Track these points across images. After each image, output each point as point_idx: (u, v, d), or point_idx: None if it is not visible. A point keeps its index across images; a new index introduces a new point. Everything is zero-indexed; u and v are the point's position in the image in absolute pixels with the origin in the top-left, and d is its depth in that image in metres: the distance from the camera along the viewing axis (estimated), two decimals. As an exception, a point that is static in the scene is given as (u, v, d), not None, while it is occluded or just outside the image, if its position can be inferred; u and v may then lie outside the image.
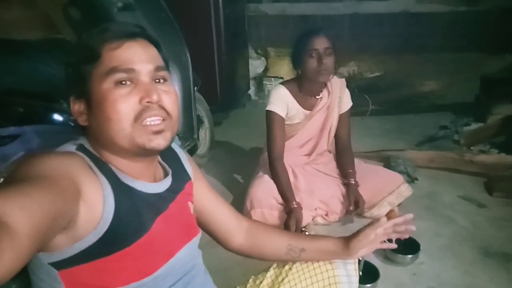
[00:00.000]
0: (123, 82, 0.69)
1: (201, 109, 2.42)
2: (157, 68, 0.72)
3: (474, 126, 2.84)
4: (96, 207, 0.65)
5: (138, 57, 0.70)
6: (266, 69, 3.88)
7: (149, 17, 1.85)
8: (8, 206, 0.49)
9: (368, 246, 0.92)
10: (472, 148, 2.58)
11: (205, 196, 0.96)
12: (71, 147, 0.72)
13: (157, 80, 0.72)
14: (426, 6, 3.19)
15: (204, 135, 2.49)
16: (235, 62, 3.33)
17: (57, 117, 1.13)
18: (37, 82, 1.21)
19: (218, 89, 3.07)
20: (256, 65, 3.79)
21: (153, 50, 0.74)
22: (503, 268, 1.54)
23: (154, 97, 0.69)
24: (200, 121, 2.37)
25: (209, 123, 2.50)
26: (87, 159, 0.70)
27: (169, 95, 0.73)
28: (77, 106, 0.73)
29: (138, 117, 0.69)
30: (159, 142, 0.71)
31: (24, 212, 0.49)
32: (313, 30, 1.75)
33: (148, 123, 0.69)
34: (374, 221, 0.90)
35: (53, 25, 2.07)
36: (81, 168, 0.66)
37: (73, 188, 0.62)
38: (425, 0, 3.18)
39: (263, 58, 3.85)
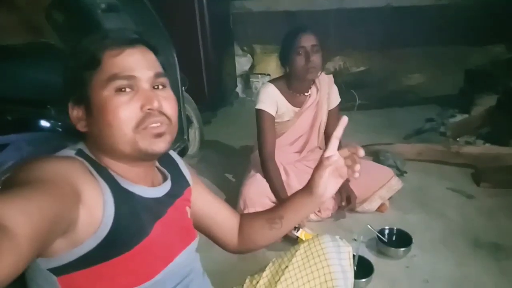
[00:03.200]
0: (124, 89, 0.69)
1: (190, 109, 2.40)
2: (157, 75, 0.73)
3: (459, 117, 2.90)
4: (96, 211, 0.65)
5: (139, 64, 0.71)
6: (252, 66, 3.87)
7: (134, 18, 1.82)
8: (8, 210, 0.49)
9: (331, 183, 0.87)
10: (458, 139, 2.62)
11: (205, 201, 0.96)
12: (70, 152, 0.72)
13: (156, 87, 0.73)
14: (409, 0, 3.22)
15: (194, 135, 2.47)
16: (221, 60, 3.32)
17: (45, 123, 1.11)
18: (25, 88, 1.18)
19: (205, 88, 3.05)
20: (242, 63, 3.77)
21: (152, 57, 0.75)
22: (493, 258, 1.58)
23: (155, 104, 0.70)
24: (189, 121, 2.35)
25: (198, 123, 2.48)
26: (87, 163, 0.70)
27: (169, 101, 0.74)
28: (75, 112, 0.73)
29: (139, 124, 0.70)
30: (160, 145, 0.72)
31: (24, 215, 0.49)
32: (300, 27, 1.75)
33: (149, 128, 0.71)
34: (323, 159, 0.85)
35: (34, 29, 2.02)
36: (81, 172, 0.67)
37: (73, 192, 0.62)
38: (408, -6, 3.22)
39: (249, 55, 3.84)
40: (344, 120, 0.86)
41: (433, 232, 1.75)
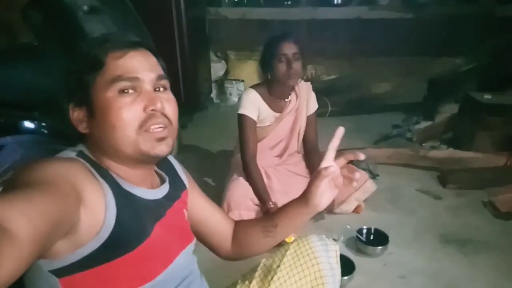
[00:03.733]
0: (127, 91, 0.70)
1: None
2: (159, 77, 0.74)
3: (424, 124, 3.06)
4: (98, 213, 0.66)
5: (142, 66, 0.72)
6: (227, 72, 3.91)
7: (116, 21, 1.80)
8: (9, 212, 0.49)
9: (326, 193, 0.88)
10: (424, 144, 2.79)
11: (200, 206, 0.98)
12: (71, 153, 0.73)
13: (158, 89, 0.74)
14: (377, 13, 3.40)
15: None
16: (197, 65, 3.32)
17: (33, 126, 1.08)
18: (14, 91, 1.15)
19: (181, 92, 3.04)
20: (217, 68, 3.80)
21: (154, 59, 0.76)
22: (461, 252, 1.71)
23: (158, 105, 0.71)
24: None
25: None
26: (88, 165, 0.70)
27: (170, 103, 0.75)
28: (76, 114, 0.73)
29: (142, 125, 0.71)
30: (163, 149, 0.73)
31: (25, 217, 0.49)
32: (282, 35, 1.81)
33: (152, 130, 0.71)
34: (321, 170, 0.86)
35: (8, 28, 1.95)
36: (82, 174, 0.67)
37: (75, 194, 0.62)
38: (376, 7, 3.39)
39: (223, 61, 3.88)
40: (340, 131, 0.87)
41: (406, 231, 1.86)
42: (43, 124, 1.06)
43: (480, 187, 2.19)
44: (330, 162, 0.87)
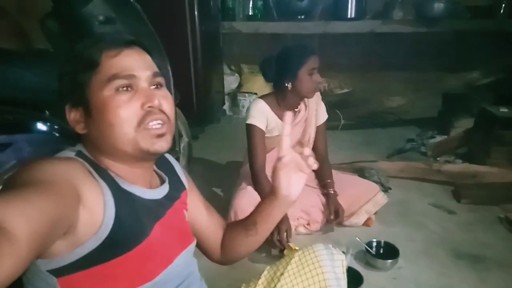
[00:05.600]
0: (124, 89, 0.70)
1: (180, 123, 2.43)
2: (155, 74, 0.75)
3: (439, 138, 3.02)
4: (96, 212, 0.66)
5: (137, 64, 0.73)
6: (240, 85, 3.95)
7: (131, 31, 1.86)
8: (8, 211, 0.49)
9: (293, 181, 0.87)
10: (438, 159, 2.73)
11: (197, 208, 0.98)
12: (69, 153, 0.73)
13: (154, 86, 0.75)
14: (391, 27, 3.39)
15: (183, 149, 2.48)
16: (210, 77, 3.38)
17: (44, 126, 1.12)
18: (25, 91, 1.19)
19: (194, 104, 3.09)
20: (230, 81, 3.85)
21: (148, 57, 0.77)
22: (472, 268, 1.64)
23: (156, 102, 0.72)
24: (179, 135, 2.37)
25: (187, 137, 2.50)
26: (87, 164, 0.71)
27: (167, 100, 0.75)
28: (73, 115, 0.74)
29: (141, 122, 0.71)
30: (162, 145, 0.74)
31: (23, 217, 0.50)
32: (309, 48, 1.81)
33: (150, 127, 0.72)
34: (275, 162, 0.86)
35: (23, 35, 2.03)
36: (81, 173, 0.67)
37: (73, 193, 0.62)
38: (390, 21, 3.39)
39: (237, 74, 3.93)
40: (288, 115, 0.86)
41: (416, 245, 1.81)
42: (52, 124, 1.09)
43: (495, 203, 2.13)
44: (285, 151, 0.85)
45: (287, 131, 0.85)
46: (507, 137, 2.41)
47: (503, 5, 3.20)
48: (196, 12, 3.01)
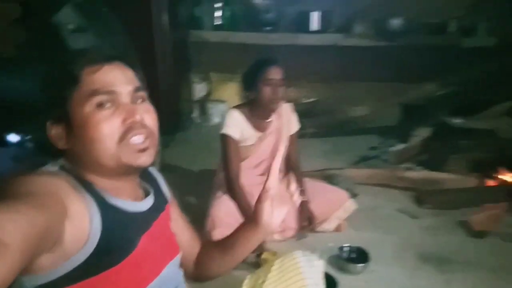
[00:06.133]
0: (105, 104, 0.71)
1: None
2: (136, 89, 0.75)
3: (399, 146, 3.18)
4: (82, 226, 0.66)
5: (118, 79, 0.73)
6: (208, 93, 3.96)
7: (104, 40, 1.83)
8: None
9: (275, 213, 0.90)
10: (400, 166, 2.88)
11: (176, 222, 0.97)
12: (52, 168, 0.73)
13: (136, 101, 0.75)
14: (352, 40, 3.55)
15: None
16: (179, 85, 3.36)
17: (24, 140, 1.07)
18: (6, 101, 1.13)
19: (163, 112, 3.04)
20: (199, 89, 3.84)
21: (130, 72, 0.77)
22: (438, 270, 1.75)
23: (137, 117, 0.73)
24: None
25: (158, 145, 2.47)
26: (71, 179, 0.71)
27: (150, 114, 0.77)
28: (54, 130, 0.73)
29: (123, 138, 0.72)
30: (145, 159, 0.74)
31: (14, 226, 0.50)
32: (270, 59, 1.87)
33: (132, 142, 0.72)
34: (261, 194, 0.88)
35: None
36: (66, 187, 0.67)
37: (59, 206, 0.62)
38: (352, 35, 3.55)
39: (205, 82, 3.93)
40: (281, 149, 0.94)
41: (386, 249, 1.90)
42: (32, 138, 1.05)
43: (455, 207, 2.27)
44: (272, 183, 0.89)
45: (277, 164, 0.89)
46: (463, 146, 2.60)
47: (454, 22, 3.46)
48: (165, 20, 2.99)
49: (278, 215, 0.91)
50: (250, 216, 1.68)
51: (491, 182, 2.43)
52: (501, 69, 3.19)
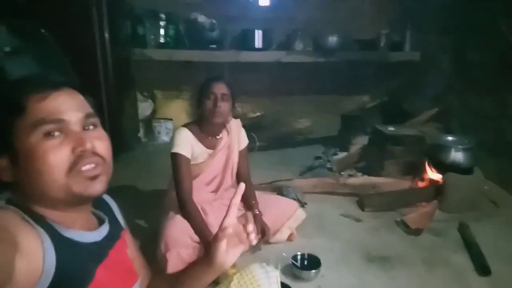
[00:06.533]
0: (52, 134, 0.68)
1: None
2: (87, 115, 0.73)
3: (341, 155, 3.40)
4: (35, 260, 0.63)
5: (66, 106, 0.70)
6: (154, 111, 3.91)
7: (40, 62, 1.77)
8: None
9: (230, 251, 0.85)
10: (342, 173, 3.07)
11: (129, 248, 0.95)
12: None
13: (87, 128, 0.73)
14: (293, 57, 3.75)
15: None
16: (123, 104, 3.29)
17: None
18: None
19: (108, 132, 2.96)
20: (144, 108, 3.79)
21: (80, 98, 0.75)
22: (382, 269, 1.90)
23: (88, 145, 0.70)
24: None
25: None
26: (21, 212, 0.68)
27: (102, 141, 0.74)
28: None
29: (72, 167, 0.69)
30: (97, 188, 0.72)
31: None
32: (215, 77, 1.94)
33: (83, 170, 0.70)
34: (218, 232, 0.85)
35: None
36: (16, 222, 0.65)
37: (9, 241, 0.59)
38: (293, 52, 3.75)
39: (150, 100, 3.88)
40: (242, 187, 0.88)
41: (334, 253, 2.02)
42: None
43: (392, 208, 2.48)
44: (230, 221, 0.85)
45: (236, 200, 0.87)
46: (396, 152, 2.85)
47: (384, 39, 3.80)
48: (106, 37, 2.94)
49: (233, 254, 0.85)
50: (206, 235, 1.72)
51: (422, 183, 2.69)
52: (424, 80, 3.56)
